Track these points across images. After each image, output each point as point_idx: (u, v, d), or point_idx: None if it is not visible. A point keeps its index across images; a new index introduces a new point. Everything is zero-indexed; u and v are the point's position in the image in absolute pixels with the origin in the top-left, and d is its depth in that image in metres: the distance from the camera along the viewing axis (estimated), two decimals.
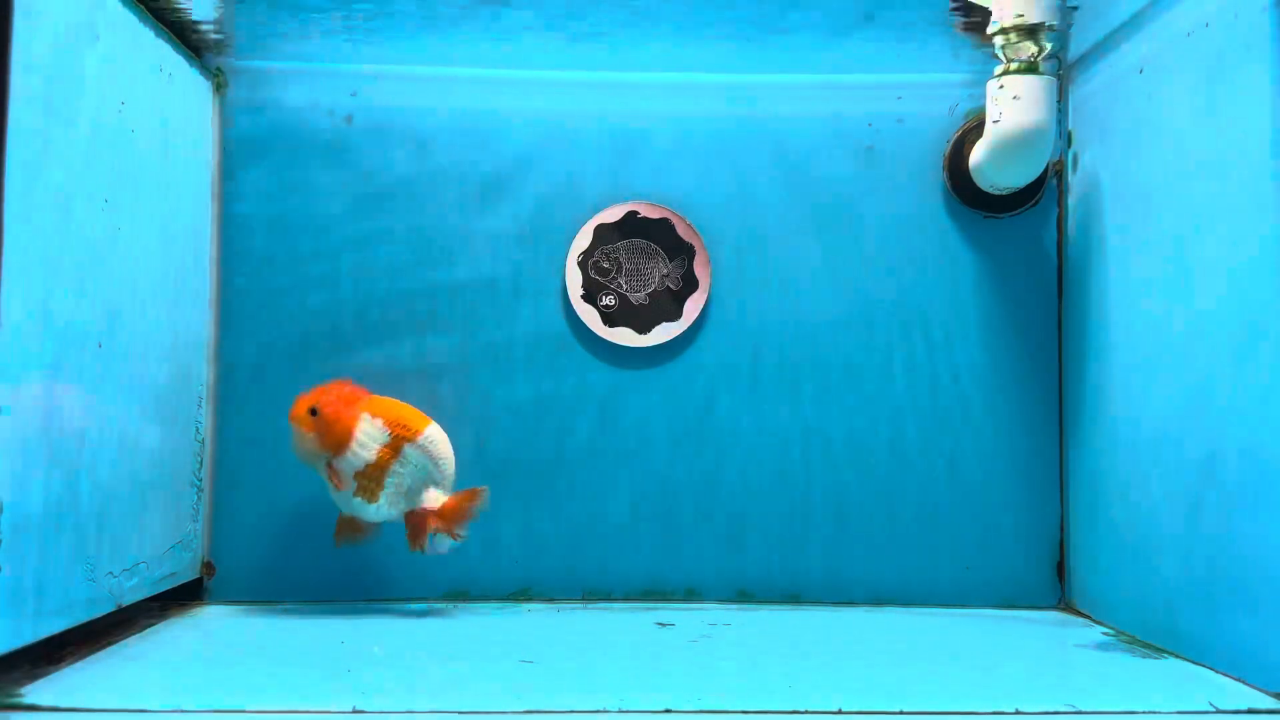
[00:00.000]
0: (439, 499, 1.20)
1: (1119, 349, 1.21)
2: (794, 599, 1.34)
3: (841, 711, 0.85)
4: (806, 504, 1.34)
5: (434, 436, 1.20)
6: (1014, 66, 1.24)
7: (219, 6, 1.16)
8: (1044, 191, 1.35)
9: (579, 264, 1.34)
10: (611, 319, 1.34)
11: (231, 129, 1.33)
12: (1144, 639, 1.13)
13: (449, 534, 1.20)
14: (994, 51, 1.24)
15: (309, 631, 1.14)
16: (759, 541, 1.34)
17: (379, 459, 1.17)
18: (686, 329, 1.34)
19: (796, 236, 1.36)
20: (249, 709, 0.85)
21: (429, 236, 1.34)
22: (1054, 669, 1.03)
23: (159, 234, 1.16)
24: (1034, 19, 1.18)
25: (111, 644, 1.05)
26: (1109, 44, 1.24)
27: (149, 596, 1.15)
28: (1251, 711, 0.88)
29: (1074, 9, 1.18)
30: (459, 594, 1.32)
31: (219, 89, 1.33)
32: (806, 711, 0.85)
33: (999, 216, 1.36)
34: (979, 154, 1.31)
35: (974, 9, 1.17)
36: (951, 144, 1.36)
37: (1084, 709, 0.87)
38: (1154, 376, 1.13)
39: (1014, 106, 1.23)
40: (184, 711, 0.84)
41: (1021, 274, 1.36)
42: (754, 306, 1.35)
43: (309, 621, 1.19)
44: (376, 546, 1.31)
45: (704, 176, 1.36)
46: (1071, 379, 1.33)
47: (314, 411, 1.17)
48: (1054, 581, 1.34)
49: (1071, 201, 1.34)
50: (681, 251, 1.35)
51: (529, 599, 1.33)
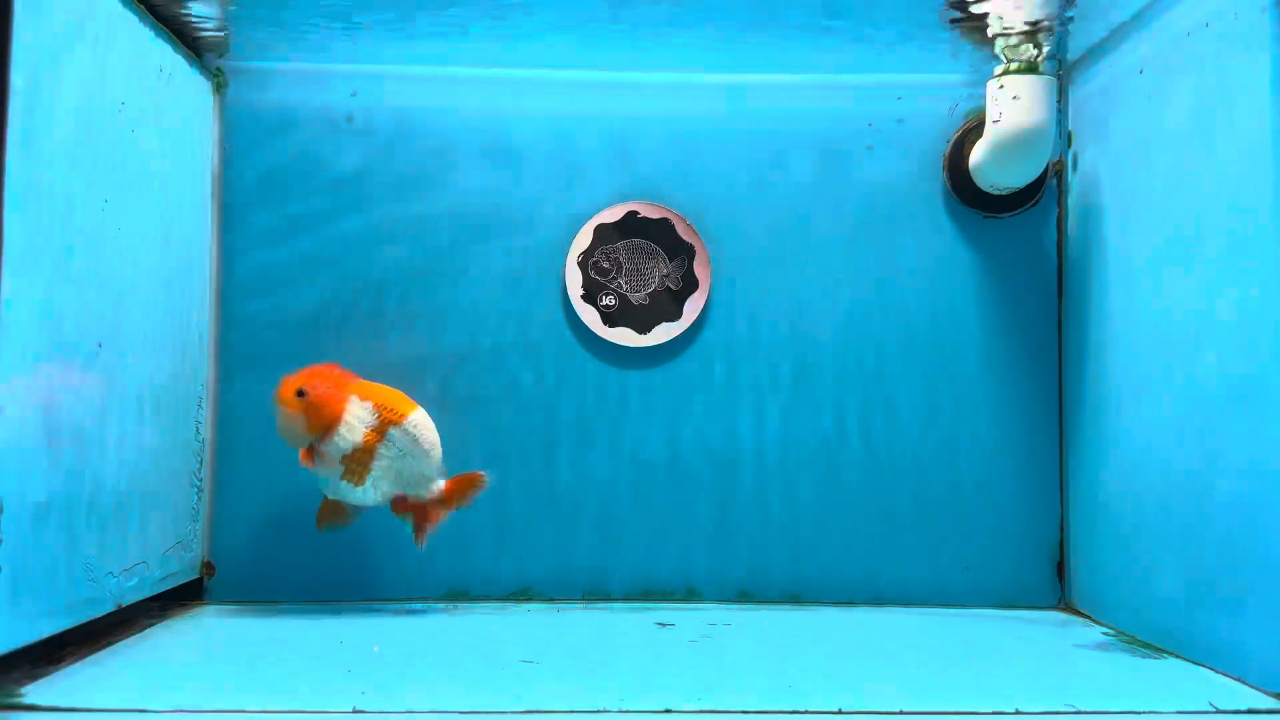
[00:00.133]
0: (439, 488, 1.20)
1: (1119, 349, 1.21)
2: (794, 599, 1.34)
3: (841, 711, 0.85)
4: (806, 504, 1.34)
5: (419, 421, 1.20)
6: (1014, 66, 1.24)
7: (219, 6, 1.17)
8: (1044, 191, 1.35)
9: (579, 264, 1.34)
10: (611, 319, 1.34)
11: (231, 129, 1.33)
12: (1144, 639, 1.13)
13: (433, 528, 1.21)
14: (994, 51, 1.25)
15: (309, 631, 1.14)
16: (759, 541, 1.34)
17: (366, 442, 1.17)
18: (686, 329, 1.34)
19: (796, 236, 1.36)
20: (249, 709, 0.85)
21: (429, 236, 1.34)
22: (1054, 669, 1.03)
23: (159, 233, 1.16)
24: (1034, 19, 1.18)
25: (111, 644, 1.05)
26: (1109, 44, 1.24)
27: (149, 596, 1.15)
28: (1251, 711, 0.88)
29: (1073, 9, 1.18)
30: (459, 594, 1.32)
31: (219, 89, 1.33)
32: (806, 711, 0.85)
33: (999, 216, 1.36)
34: (979, 154, 1.31)
35: (974, 9, 1.17)
36: (951, 144, 1.36)
37: (1084, 709, 0.87)
38: (1154, 376, 1.13)
39: (1014, 106, 1.23)
40: (184, 711, 0.84)
41: (1021, 274, 1.36)
42: (754, 306, 1.35)
43: (309, 621, 1.19)
44: (377, 546, 1.32)
45: (704, 176, 1.36)
46: (1071, 379, 1.33)
47: (301, 393, 1.16)
48: (1054, 581, 1.34)
49: (1071, 201, 1.34)
50: (681, 251, 1.35)
51: (529, 599, 1.33)
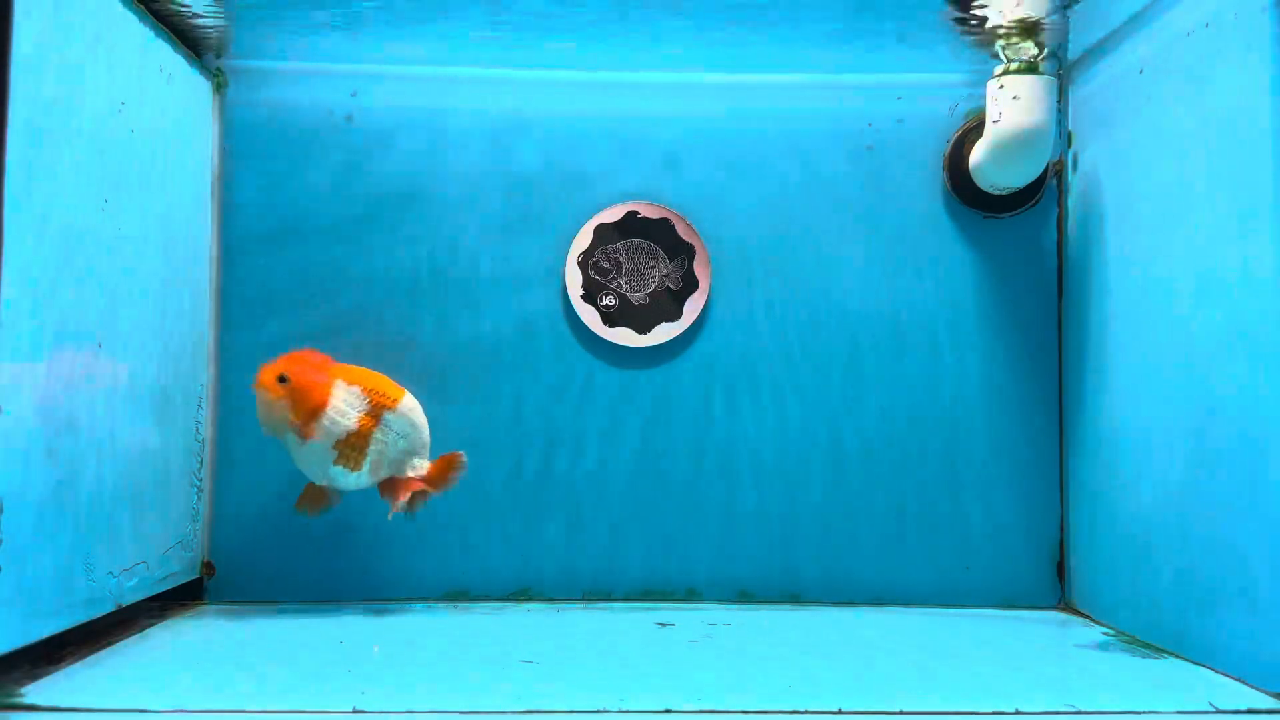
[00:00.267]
0: (423, 467, 1.21)
1: (1119, 349, 1.21)
2: (794, 599, 1.34)
3: (841, 711, 0.85)
4: (806, 504, 1.34)
5: (412, 404, 1.21)
6: (1014, 66, 1.24)
7: (219, 6, 1.16)
8: (1044, 191, 1.35)
9: (579, 264, 1.34)
10: (611, 319, 1.34)
11: (231, 129, 1.33)
12: (1144, 639, 1.13)
13: (423, 500, 1.22)
14: (994, 51, 1.25)
15: (309, 631, 1.14)
16: (759, 541, 1.34)
17: (361, 427, 1.17)
18: (686, 329, 1.34)
19: (797, 236, 1.36)
20: (249, 709, 0.85)
21: (429, 236, 1.34)
22: (1054, 669, 1.03)
23: (159, 234, 1.16)
24: (1033, 18, 1.18)
25: (111, 644, 1.05)
26: (1109, 44, 1.24)
27: (149, 596, 1.15)
28: (1251, 711, 0.88)
29: (1073, 9, 1.18)
30: (459, 594, 1.32)
31: (219, 89, 1.33)
32: (806, 711, 0.85)
33: (999, 216, 1.36)
34: (979, 154, 1.31)
35: (974, 9, 1.17)
36: (951, 144, 1.36)
37: (1084, 709, 0.87)
38: (1154, 376, 1.13)
39: (1014, 106, 1.23)
40: (184, 711, 0.84)
41: (1021, 274, 1.36)
42: (754, 306, 1.35)
43: (309, 621, 1.19)
44: (377, 546, 1.32)
45: (704, 176, 1.36)
46: (1071, 379, 1.33)
47: (284, 379, 1.15)
48: (1054, 581, 1.34)
49: (1071, 201, 1.34)
50: (681, 251, 1.35)
51: (529, 599, 1.33)
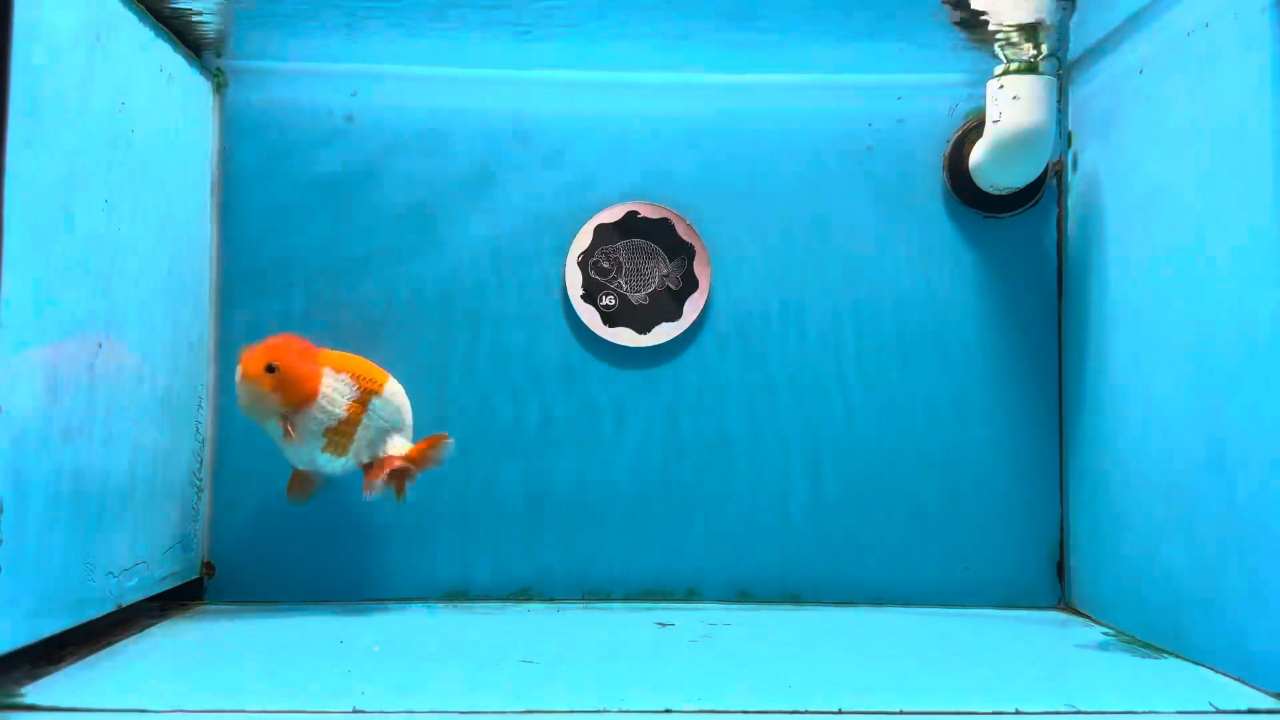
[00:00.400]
0: (405, 446, 1.21)
1: (1119, 349, 1.21)
2: (794, 599, 1.34)
3: (841, 711, 0.85)
4: (806, 504, 1.34)
5: (396, 388, 1.21)
6: (1014, 66, 1.24)
7: (219, 6, 1.16)
8: (1044, 191, 1.35)
9: (579, 264, 1.34)
10: (611, 319, 1.34)
11: (231, 129, 1.33)
12: (1144, 639, 1.13)
13: (409, 480, 1.21)
14: (994, 51, 1.25)
15: (309, 631, 1.14)
16: (759, 541, 1.34)
17: (350, 414, 1.17)
18: (686, 329, 1.34)
19: (797, 236, 1.36)
20: (249, 709, 0.85)
21: (429, 236, 1.34)
22: (1054, 669, 1.03)
23: (159, 234, 1.16)
24: (1033, 18, 1.18)
25: (111, 644, 1.05)
26: (1109, 44, 1.24)
27: (149, 596, 1.15)
28: (1251, 711, 0.88)
29: (1073, 9, 1.18)
30: (459, 594, 1.32)
31: (219, 89, 1.33)
32: (806, 711, 0.85)
33: (999, 216, 1.36)
34: (979, 154, 1.31)
35: (974, 9, 1.17)
36: (951, 144, 1.36)
37: (1084, 709, 0.87)
38: (1153, 376, 1.13)
39: (1014, 106, 1.23)
40: (184, 711, 0.84)
41: (1021, 274, 1.36)
42: (754, 307, 1.35)
43: (309, 621, 1.19)
44: (377, 546, 1.32)
45: (704, 176, 1.36)
46: (1071, 379, 1.33)
47: (271, 368, 1.13)
48: (1054, 581, 1.34)
49: (1071, 201, 1.34)
50: (681, 251, 1.35)
51: (529, 599, 1.33)
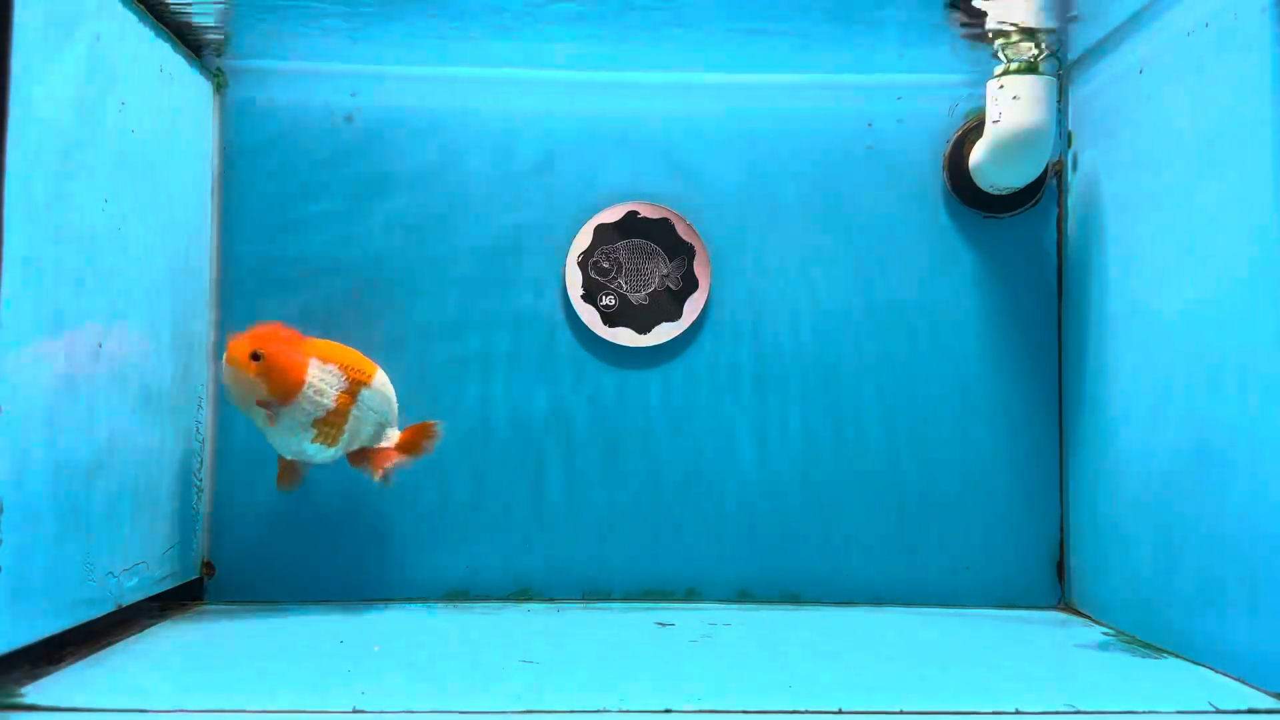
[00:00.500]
0: (394, 435, 1.22)
1: (1119, 349, 1.21)
2: (794, 599, 1.34)
3: (841, 711, 0.85)
4: (806, 504, 1.34)
5: (384, 379, 1.22)
6: (1014, 66, 1.24)
7: (219, 6, 1.16)
8: (1044, 191, 1.35)
9: (579, 264, 1.34)
10: (611, 319, 1.34)
11: (231, 129, 1.33)
12: (1144, 639, 1.13)
13: (397, 468, 1.22)
14: (994, 51, 1.24)
15: (309, 631, 1.14)
16: (759, 541, 1.34)
17: (340, 405, 1.17)
18: (686, 329, 1.34)
19: (796, 236, 1.36)
20: (249, 709, 0.85)
21: (429, 237, 1.34)
22: (1054, 669, 1.03)
23: (159, 234, 1.16)
24: (1033, 18, 1.18)
25: (111, 644, 1.05)
26: (1109, 44, 1.24)
27: (149, 596, 1.15)
28: (1251, 711, 0.88)
29: (1073, 9, 1.18)
30: (459, 594, 1.32)
31: (219, 89, 1.33)
32: (806, 711, 0.85)
33: (999, 216, 1.36)
34: (979, 154, 1.31)
35: (974, 9, 1.17)
36: (951, 144, 1.36)
37: (1084, 709, 0.87)
38: (1154, 377, 1.13)
39: (1014, 106, 1.23)
40: (184, 711, 0.84)
41: (1021, 274, 1.36)
42: (754, 306, 1.35)
43: (309, 621, 1.19)
44: (377, 546, 1.32)
45: (704, 176, 1.36)
46: (1071, 379, 1.33)
47: (257, 356, 1.11)
48: (1054, 581, 1.34)
49: (1071, 201, 1.34)
50: (681, 251, 1.35)
51: (529, 599, 1.33)
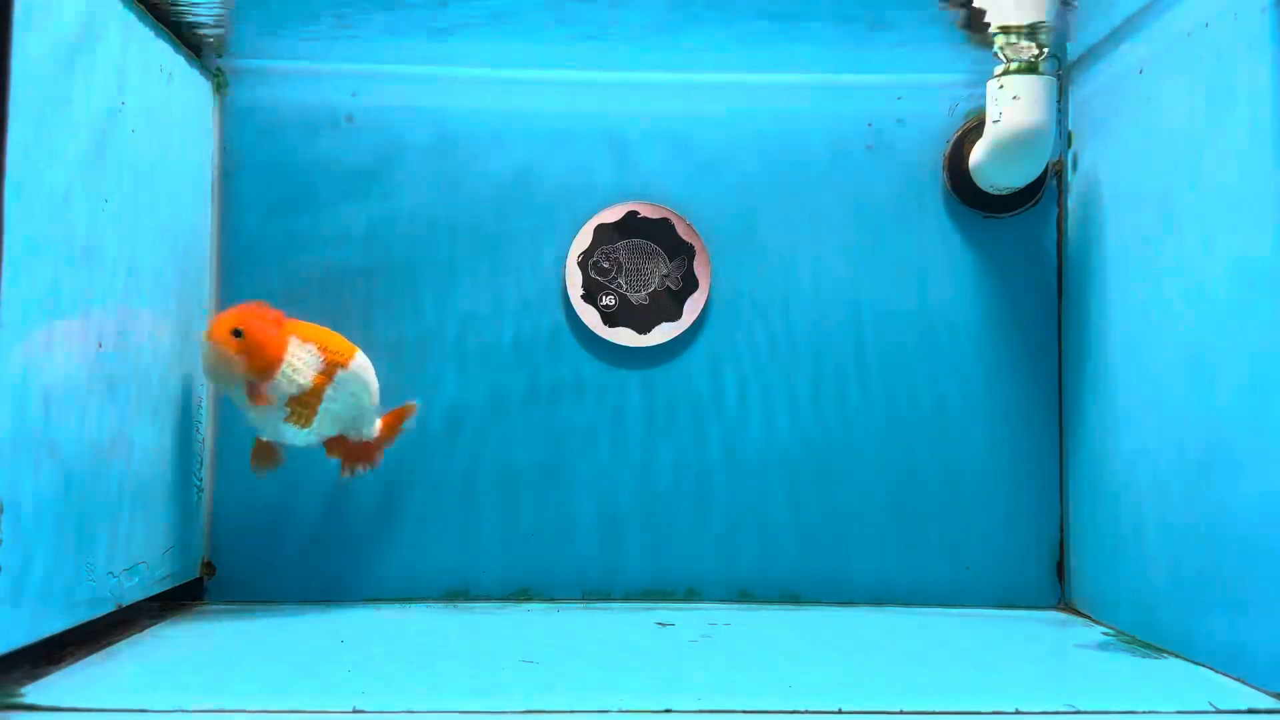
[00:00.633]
0: (375, 427, 1.22)
1: (1119, 349, 1.21)
2: (794, 599, 1.34)
3: (841, 711, 0.85)
4: (807, 504, 1.34)
5: (364, 363, 1.21)
6: (1014, 66, 1.24)
7: (219, 6, 1.16)
8: (1044, 191, 1.35)
9: (579, 264, 1.34)
10: (611, 319, 1.34)
11: (231, 129, 1.33)
12: (1144, 639, 1.13)
13: (377, 460, 1.22)
14: (994, 51, 1.24)
15: (309, 631, 1.14)
16: (759, 541, 1.34)
17: (315, 384, 1.16)
18: (686, 329, 1.34)
19: (796, 236, 1.36)
20: (249, 709, 0.85)
21: (429, 237, 1.34)
22: (1054, 669, 1.03)
23: (159, 234, 1.16)
24: (1033, 19, 1.18)
25: (111, 644, 1.05)
26: (1109, 44, 1.24)
27: (149, 596, 1.15)
28: (1251, 711, 0.88)
29: (1073, 9, 1.18)
30: (459, 594, 1.32)
31: (219, 89, 1.33)
32: (806, 711, 0.85)
33: (999, 216, 1.36)
34: (979, 154, 1.31)
35: (974, 8, 1.17)
36: (951, 144, 1.36)
37: (1084, 709, 0.87)
38: (1153, 376, 1.13)
39: (1014, 106, 1.23)
40: (184, 711, 0.84)
41: (1021, 274, 1.36)
42: (754, 307, 1.35)
43: (309, 621, 1.19)
44: (377, 546, 1.32)
45: (704, 176, 1.36)
46: (1071, 379, 1.33)
47: (238, 333, 1.12)
48: (1054, 581, 1.34)
49: (1071, 201, 1.34)
50: (681, 251, 1.35)
51: (529, 599, 1.33)
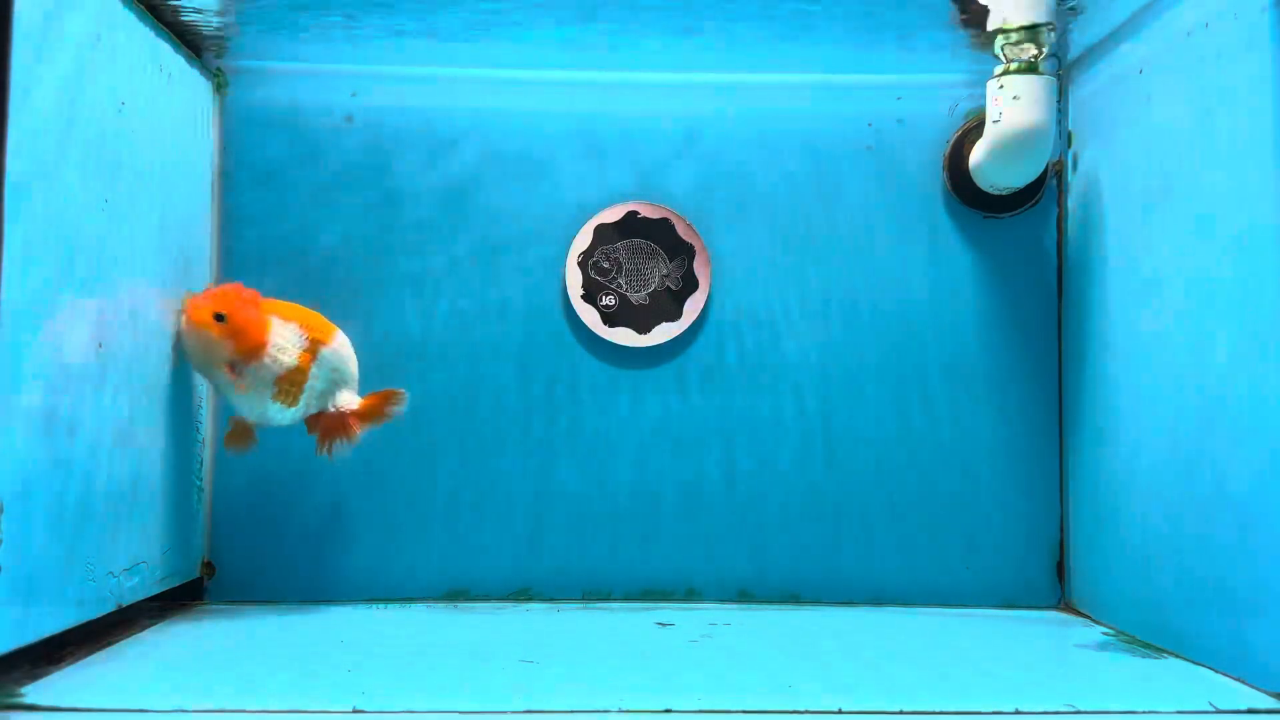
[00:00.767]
0: (353, 400, 1.21)
1: (1119, 349, 1.21)
2: (794, 599, 1.34)
3: (841, 711, 0.85)
4: (806, 504, 1.34)
5: (343, 340, 1.21)
6: (1014, 66, 1.24)
7: (219, 6, 1.16)
8: (1044, 191, 1.35)
9: (579, 264, 1.34)
10: (611, 319, 1.34)
11: (231, 129, 1.33)
12: (1144, 639, 1.13)
13: (356, 435, 1.21)
14: (994, 51, 1.24)
15: (309, 631, 1.14)
16: (759, 541, 1.34)
17: (301, 364, 1.16)
18: (686, 329, 1.34)
19: (797, 236, 1.36)
20: (249, 709, 0.85)
21: (429, 237, 1.34)
22: (1054, 669, 1.03)
23: (159, 233, 1.16)
24: (1034, 19, 1.18)
25: (111, 644, 1.05)
26: (1109, 44, 1.24)
27: (149, 596, 1.15)
28: (1251, 711, 0.88)
29: (1073, 9, 1.18)
30: (459, 594, 1.32)
31: (219, 89, 1.33)
32: (806, 711, 0.85)
33: (999, 216, 1.36)
34: (979, 154, 1.31)
35: (974, 9, 1.17)
36: (951, 144, 1.36)
37: (1084, 709, 0.87)
38: (1154, 377, 1.13)
39: (1014, 106, 1.23)
40: (184, 711, 0.84)
41: (1021, 274, 1.36)
42: (754, 307, 1.35)
43: (309, 621, 1.19)
44: (376, 546, 1.32)
45: (704, 176, 1.36)
46: (1071, 379, 1.33)
47: (221, 317, 1.12)
48: (1054, 581, 1.34)
49: (1071, 201, 1.34)
50: (681, 251, 1.35)
51: (529, 599, 1.33)
